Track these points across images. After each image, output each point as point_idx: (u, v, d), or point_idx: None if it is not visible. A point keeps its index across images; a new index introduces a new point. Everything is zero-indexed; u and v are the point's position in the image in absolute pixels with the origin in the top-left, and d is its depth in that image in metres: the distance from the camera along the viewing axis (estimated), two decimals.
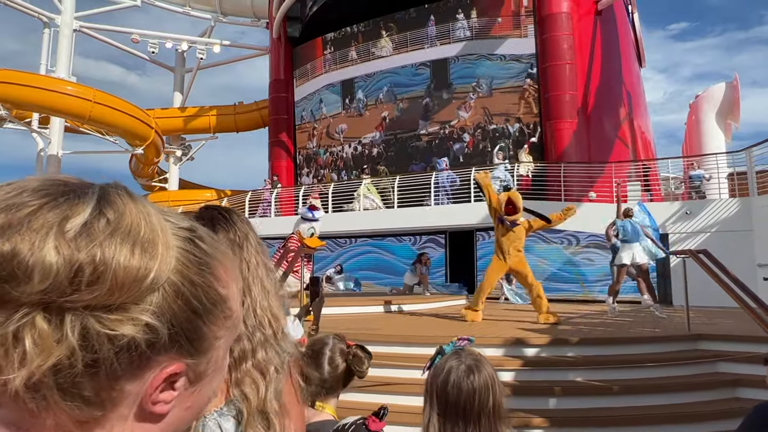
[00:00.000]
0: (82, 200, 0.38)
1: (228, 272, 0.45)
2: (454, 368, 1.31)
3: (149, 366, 0.40)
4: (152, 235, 0.40)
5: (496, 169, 13.31)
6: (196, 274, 0.42)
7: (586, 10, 15.28)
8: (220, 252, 0.45)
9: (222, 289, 0.44)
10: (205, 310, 0.42)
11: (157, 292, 0.39)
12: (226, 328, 0.45)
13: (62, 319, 0.36)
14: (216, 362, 0.45)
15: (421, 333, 6.43)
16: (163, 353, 0.40)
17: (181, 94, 25.97)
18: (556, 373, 5.28)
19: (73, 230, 0.37)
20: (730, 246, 10.06)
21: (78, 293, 0.36)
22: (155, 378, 0.40)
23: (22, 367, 0.35)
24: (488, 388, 1.29)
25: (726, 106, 18.74)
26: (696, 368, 5.35)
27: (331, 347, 1.60)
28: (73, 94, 17.26)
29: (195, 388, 0.44)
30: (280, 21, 19.43)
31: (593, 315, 8.48)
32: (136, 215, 0.40)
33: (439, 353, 1.39)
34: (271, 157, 19.83)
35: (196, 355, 0.42)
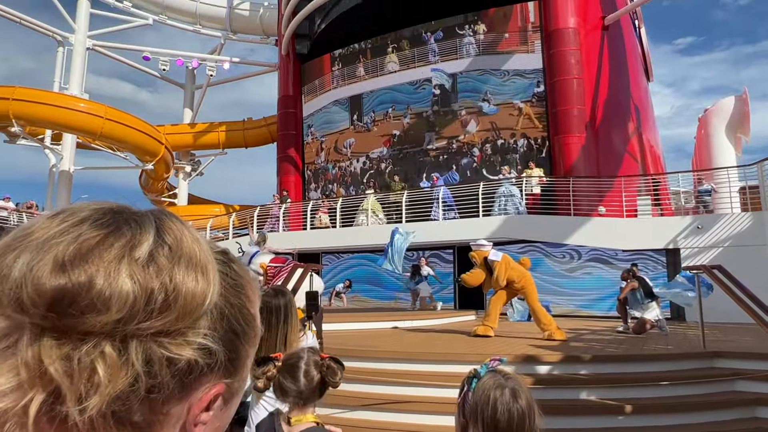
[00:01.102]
0: (143, 229, 0.39)
1: (255, 292, 0.47)
2: (499, 393, 1.30)
3: (197, 388, 0.40)
4: (206, 260, 0.41)
5: (502, 184, 13.28)
6: (234, 296, 0.43)
7: (593, 25, 15.34)
8: (246, 273, 0.47)
9: (252, 309, 0.46)
10: (242, 330, 0.44)
11: (207, 315, 0.40)
12: (254, 347, 0.47)
13: (127, 346, 0.36)
14: (244, 380, 0.46)
15: (432, 350, 6.35)
16: (210, 375, 0.41)
17: (191, 111, 26.28)
18: (568, 391, 5.18)
19: (143, 258, 0.37)
20: (744, 261, 9.92)
21: (150, 320, 0.36)
22: (202, 399, 0.41)
23: (89, 398, 0.34)
24: (532, 408, 1.30)
25: (736, 120, 18.64)
26: (713, 387, 5.22)
27: (305, 360, 1.66)
28: (86, 111, 17.50)
29: (225, 408, 0.45)
30: (289, 38, 19.68)
31: (604, 332, 8.35)
32: (191, 241, 0.41)
33: (475, 377, 1.37)
34: (279, 172, 19.93)
35: (234, 375, 0.43)
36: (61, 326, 0.35)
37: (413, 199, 14.48)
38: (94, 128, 17.52)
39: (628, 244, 11.60)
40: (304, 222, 15.78)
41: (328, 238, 14.99)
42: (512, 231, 12.39)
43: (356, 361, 5.90)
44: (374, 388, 5.33)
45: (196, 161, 25.63)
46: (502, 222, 12.53)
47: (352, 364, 5.80)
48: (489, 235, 11.46)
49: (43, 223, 0.38)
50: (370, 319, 9.66)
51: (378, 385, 5.34)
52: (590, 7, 15.42)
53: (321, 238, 15.07)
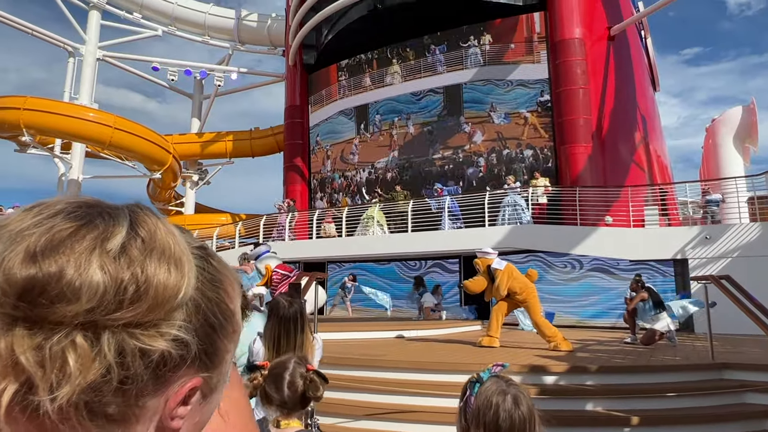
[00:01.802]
0: (116, 221, 0.40)
1: (234, 288, 0.47)
2: (501, 399, 1.30)
3: (173, 381, 0.40)
4: (180, 253, 0.41)
5: (507, 195, 13.26)
6: (211, 290, 0.43)
7: (599, 35, 15.38)
8: (227, 269, 0.47)
9: (231, 304, 0.46)
10: (219, 324, 0.44)
11: (182, 307, 0.40)
12: (233, 342, 0.46)
13: (99, 336, 0.36)
14: (224, 376, 0.46)
15: (437, 359, 6.31)
16: (185, 368, 0.41)
17: (198, 120, 26.52)
18: (575, 402, 5.12)
19: (114, 250, 0.38)
20: (753, 271, 9.82)
21: (120, 311, 0.37)
22: (178, 393, 0.41)
23: (60, 387, 0.35)
24: (533, 415, 1.30)
25: (743, 130, 18.57)
26: (722, 399, 5.15)
27: (291, 371, 1.68)
28: (95, 121, 17.71)
29: (205, 403, 0.45)
30: (296, 49, 19.86)
31: (611, 342, 8.27)
32: (165, 234, 0.41)
33: (477, 381, 1.38)
34: (285, 181, 20.02)
35: (212, 369, 0.43)
36: (32, 316, 0.35)
37: (418, 208, 14.49)
38: (103, 137, 17.72)
39: (636, 254, 11.52)
40: (310, 231, 15.80)
41: (333, 247, 15.00)
42: (518, 241, 12.34)
43: (360, 370, 5.88)
44: (378, 398, 5.30)
45: (203, 170, 25.81)
46: (508, 232, 12.49)
47: (356, 374, 5.78)
48: (495, 244, 11.41)
49: (19, 216, 0.39)
50: (373, 329, 9.63)
51: (382, 395, 5.31)
52: (596, 17, 15.47)
53: (326, 248, 15.08)
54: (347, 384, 5.41)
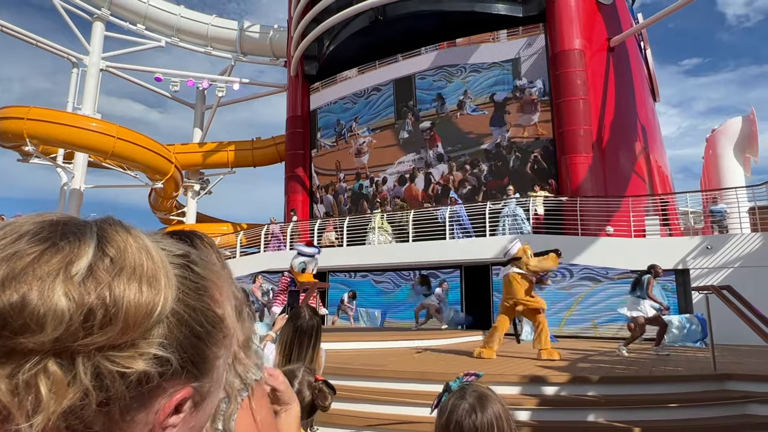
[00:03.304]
0: (82, 241, 0.38)
1: (222, 292, 0.46)
2: (457, 406, 1.25)
3: (159, 395, 0.40)
4: (155, 269, 0.40)
5: (507, 205, 13.27)
6: (195, 299, 0.42)
7: (598, 46, 15.48)
8: (213, 273, 0.46)
9: (219, 310, 0.44)
10: (207, 333, 0.43)
11: (162, 323, 0.39)
12: (225, 347, 0.45)
13: (74, 362, 0.36)
14: (218, 381, 0.46)
15: (438, 370, 6.29)
16: (172, 381, 0.40)
17: (200, 130, 26.64)
18: (576, 413, 5.09)
19: (80, 274, 0.36)
20: (754, 281, 9.80)
21: (91, 336, 0.36)
22: (166, 405, 0.40)
23: (36, 414, 0.34)
24: (492, 426, 1.21)
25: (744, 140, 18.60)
26: (724, 410, 5.12)
27: (299, 380, 1.69)
28: (98, 131, 17.81)
29: (198, 409, 0.44)
30: (298, 60, 20.00)
31: (612, 353, 8.24)
32: (137, 250, 0.40)
33: (446, 390, 1.34)
34: (287, 191, 20.07)
35: (201, 377, 0.43)
36: (1, 347, 0.34)
37: (420, 219, 14.50)
38: (105, 147, 17.80)
39: (637, 264, 11.48)
40: (311, 240, 15.80)
41: (335, 256, 15.00)
42: None
43: (360, 380, 5.86)
44: (379, 408, 5.28)
45: (204, 180, 25.88)
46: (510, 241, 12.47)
47: (356, 384, 5.76)
48: (495, 255, 11.41)
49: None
50: (374, 339, 9.60)
51: (383, 405, 5.29)
52: (596, 29, 15.58)
53: (328, 257, 15.07)
54: (347, 394, 5.39)
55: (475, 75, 16.46)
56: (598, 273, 11.95)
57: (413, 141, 17.37)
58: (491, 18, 15.93)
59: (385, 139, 18.04)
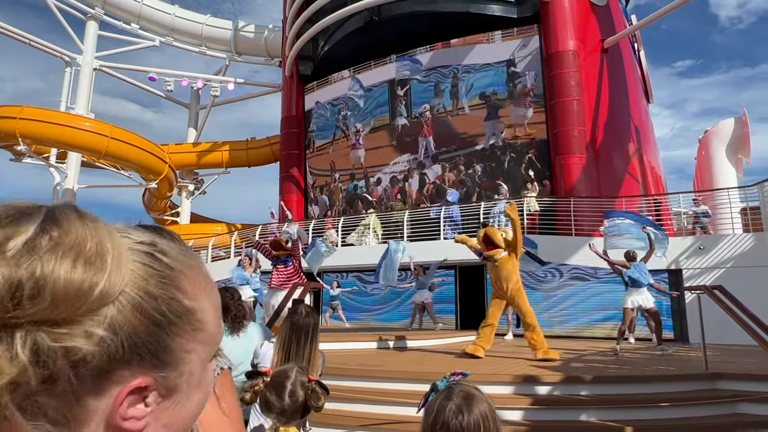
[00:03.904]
0: (27, 221, 0.39)
1: (196, 285, 0.45)
2: (444, 407, 1.24)
3: (112, 380, 0.40)
4: (99, 249, 0.40)
5: (498, 204, 13.31)
6: (156, 286, 0.42)
7: (592, 47, 15.56)
8: (186, 265, 0.46)
9: (188, 302, 0.44)
10: (169, 322, 0.42)
11: (112, 305, 0.39)
12: (197, 341, 0.45)
13: (12, 336, 0.36)
14: (191, 376, 0.45)
15: (433, 370, 6.30)
16: (125, 367, 0.40)
17: (195, 130, 26.56)
18: (568, 412, 5.12)
19: (14, 249, 0.37)
20: (746, 282, 9.86)
21: (20, 309, 0.36)
22: (120, 393, 0.40)
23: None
24: (479, 426, 1.20)
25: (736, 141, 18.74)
26: (715, 409, 5.16)
27: (292, 380, 1.69)
28: (91, 130, 17.74)
29: (169, 404, 0.43)
30: (293, 60, 19.98)
31: (605, 352, 8.28)
32: (81, 231, 0.40)
33: (433, 390, 1.34)
34: (281, 191, 20.05)
35: (163, 368, 0.42)
36: None
37: (415, 219, 14.51)
38: (99, 147, 17.73)
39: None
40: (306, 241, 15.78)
41: (329, 257, 14.96)
42: None
43: (355, 380, 5.86)
44: (373, 408, 5.28)
45: (199, 180, 25.81)
46: None
47: (351, 384, 5.76)
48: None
49: None
50: (367, 339, 9.60)
51: (377, 405, 5.30)
52: (589, 30, 15.66)
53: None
54: (342, 394, 5.39)
55: (468, 75, 16.51)
56: (586, 272, 12.01)
57: (407, 141, 17.37)
58: (486, 19, 15.97)
59: (379, 140, 18.05)
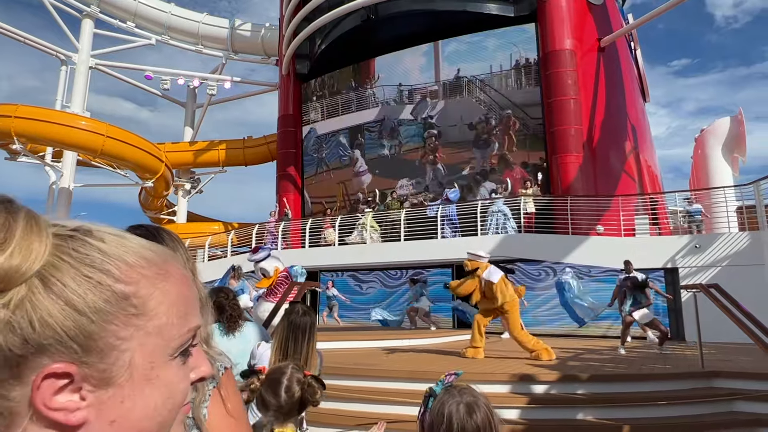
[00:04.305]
0: None
1: (135, 270, 0.44)
2: (455, 410, 1.26)
3: (29, 367, 0.39)
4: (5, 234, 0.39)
5: (495, 202, 13.32)
6: (80, 270, 0.41)
7: (589, 46, 15.57)
8: (122, 251, 0.44)
9: (121, 286, 0.42)
10: (92, 307, 0.41)
11: (24, 286, 0.39)
12: (135, 327, 0.43)
13: None
14: (132, 367, 0.42)
15: (428, 369, 6.30)
16: (43, 353, 0.39)
17: (191, 129, 26.47)
18: (565, 411, 5.12)
19: None
20: (742, 280, 9.90)
21: None
22: (35, 379, 0.39)
23: None
24: (489, 422, 1.26)
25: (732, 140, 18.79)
26: (712, 407, 5.17)
27: (288, 376, 1.71)
28: (87, 129, 17.64)
29: (108, 396, 0.41)
30: (290, 59, 19.93)
31: (602, 351, 8.30)
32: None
33: (431, 395, 1.34)
34: (278, 190, 20.01)
35: (87, 355, 0.40)
36: None
37: (412, 217, 14.51)
38: (95, 146, 17.64)
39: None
40: (303, 240, 15.77)
41: (326, 256, 14.97)
42: (510, 249, 12.38)
43: (351, 379, 5.86)
44: (369, 407, 5.28)
45: (195, 179, 25.74)
46: (501, 240, 12.53)
47: (347, 383, 5.75)
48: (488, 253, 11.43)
49: None
50: (364, 338, 9.60)
51: (373, 404, 5.29)
52: (586, 29, 15.67)
53: (320, 257, 15.05)
54: (338, 393, 5.38)
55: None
56: (580, 271, 12.04)
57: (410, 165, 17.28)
58: (483, 18, 15.96)
59: (382, 165, 17.91)
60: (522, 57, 15.82)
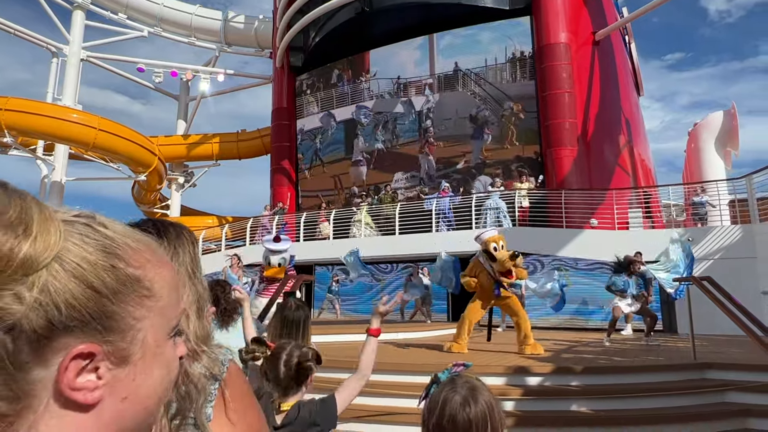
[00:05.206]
0: None
1: (141, 255, 0.46)
2: (450, 399, 1.22)
3: (54, 348, 0.39)
4: (23, 217, 0.40)
5: (490, 197, 13.34)
6: (94, 254, 0.43)
7: (584, 40, 15.56)
8: (129, 238, 0.46)
9: (132, 270, 0.44)
10: (111, 289, 0.42)
11: (45, 271, 0.39)
12: (147, 308, 0.45)
13: None
14: (144, 345, 0.45)
15: (420, 361, 6.32)
16: (68, 334, 0.40)
17: (184, 122, 26.29)
18: (559, 402, 5.15)
19: None
20: (734, 273, 9.98)
21: None
22: (63, 360, 0.40)
23: None
24: (485, 419, 1.19)
25: (725, 134, 18.88)
26: (704, 398, 5.22)
27: (288, 351, 1.80)
28: (79, 122, 17.48)
29: (123, 375, 0.43)
30: (284, 51, 19.81)
31: (596, 343, 8.35)
32: (3, 200, 0.40)
33: (435, 382, 1.31)
34: (272, 183, 19.94)
35: (109, 334, 0.42)
36: None
37: (406, 211, 14.51)
38: (87, 139, 17.49)
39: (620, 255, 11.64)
40: (297, 233, 15.74)
41: (321, 250, 14.95)
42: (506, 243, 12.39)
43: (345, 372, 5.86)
44: (365, 400, 5.28)
45: (189, 172, 25.59)
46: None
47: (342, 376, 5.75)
48: None
49: None
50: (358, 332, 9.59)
51: (369, 397, 5.30)
52: (581, 22, 15.65)
53: (315, 250, 15.03)
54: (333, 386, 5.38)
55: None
56: (567, 263, 12.10)
57: (405, 158, 17.24)
58: (478, 10, 15.91)
59: (378, 159, 17.87)
60: (517, 50, 15.81)
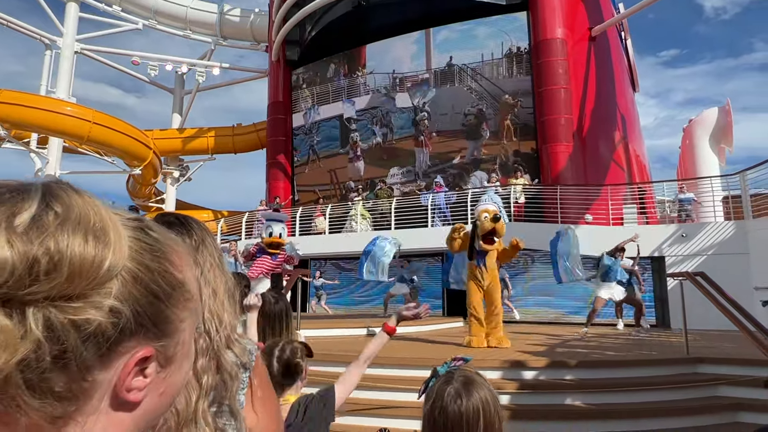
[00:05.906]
0: (27, 197, 0.39)
1: (182, 258, 0.47)
2: (443, 392, 1.23)
3: (118, 352, 0.40)
4: (102, 223, 0.41)
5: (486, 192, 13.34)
6: (151, 260, 0.43)
7: (580, 36, 15.57)
8: (171, 240, 0.47)
9: (178, 273, 0.46)
10: (165, 293, 0.44)
11: (116, 279, 0.40)
12: (188, 310, 0.47)
13: (23, 312, 0.36)
14: (183, 345, 0.47)
15: (420, 355, 6.35)
16: (130, 338, 0.41)
17: (179, 116, 26.13)
18: (553, 396, 5.20)
19: (23, 225, 0.37)
20: (727, 269, 10.05)
21: (37, 284, 0.36)
22: (127, 364, 0.41)
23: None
24: (478, 411, 1.19)
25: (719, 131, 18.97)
26: (696, 392, 5.28)
27: (280, 347, 1.84)
28: (73, 115, 17.35)
29: (165, 374, 0.45)
30: (280, 45, 19.71)
31: (590, 338, 8.41)
32: (83, 206, 0.41)
33: (434, 376, 1.32)
34: (268, 178, 19.89)
35: (163, 337, 0.44)
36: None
37: (402, 206, 14.52)
38: (81, 132, 17.37)
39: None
40: (293, 228, 15.73)
41: (317, 244, 14.95)
42: None
43: (341, 366, 5.88)
44: (360, 394, 5.31)
45: (184, 166, 25.47)
46: None
47: (337, 370, 5.77)
48: None
49: None
50: (354, 326, 9.63)
51: (364, 391, 5.32)
52: (577, 18, 15.66)
53: (310, 245, 15.01)
54: (328, 380, 5.40)
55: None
56: None
57: (401, 151, 17.23)
58: (474, 5, 15.88)
59: (374, 154, 17.84)
60: (513, 45, 15.80)
